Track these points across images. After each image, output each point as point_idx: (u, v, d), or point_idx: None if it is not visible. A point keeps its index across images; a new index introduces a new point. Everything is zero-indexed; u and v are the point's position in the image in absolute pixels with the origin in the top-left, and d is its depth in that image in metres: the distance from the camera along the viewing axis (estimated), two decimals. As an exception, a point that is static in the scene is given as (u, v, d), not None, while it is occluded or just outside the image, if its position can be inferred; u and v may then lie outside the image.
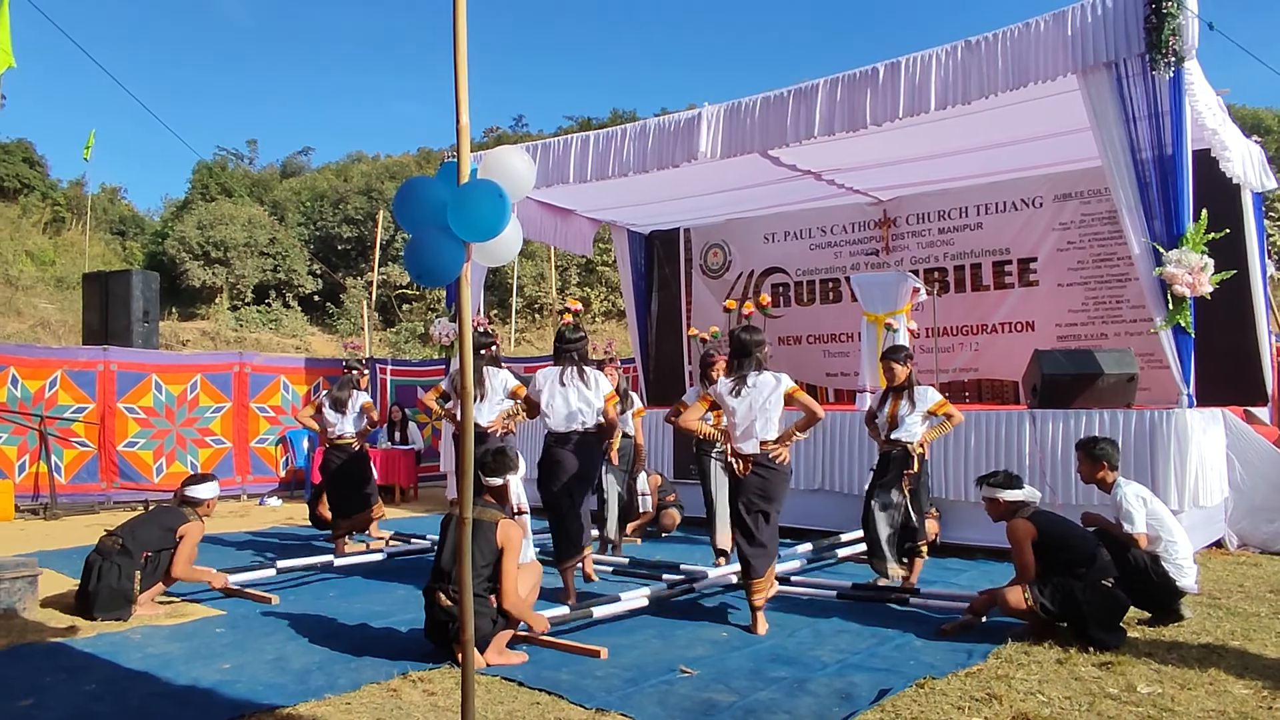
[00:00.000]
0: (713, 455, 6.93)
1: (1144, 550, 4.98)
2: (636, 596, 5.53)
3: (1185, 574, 5.03)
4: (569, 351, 6.00)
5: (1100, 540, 4.99)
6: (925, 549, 6.05)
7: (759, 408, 5.04)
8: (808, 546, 7.09)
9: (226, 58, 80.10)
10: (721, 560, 6.71)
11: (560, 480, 5.90)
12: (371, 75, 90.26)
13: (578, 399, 5.89)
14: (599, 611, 5.23)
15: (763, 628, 5.04)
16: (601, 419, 5.97)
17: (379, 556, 7.28)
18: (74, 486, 10.68)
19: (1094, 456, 5.25)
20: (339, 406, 7.63)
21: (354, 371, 7.81)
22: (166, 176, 73.48)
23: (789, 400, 5.07)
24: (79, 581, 5.59)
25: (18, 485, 10.21)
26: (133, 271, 12.73)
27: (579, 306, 7.68)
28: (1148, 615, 5.09)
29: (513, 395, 6.65)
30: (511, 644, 4.63)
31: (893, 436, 6.02)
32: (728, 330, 11.23)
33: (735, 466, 5.13)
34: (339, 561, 7.01)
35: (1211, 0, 6.94)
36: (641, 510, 8.43)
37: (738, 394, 5.10)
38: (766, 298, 11.33)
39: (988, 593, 4.98)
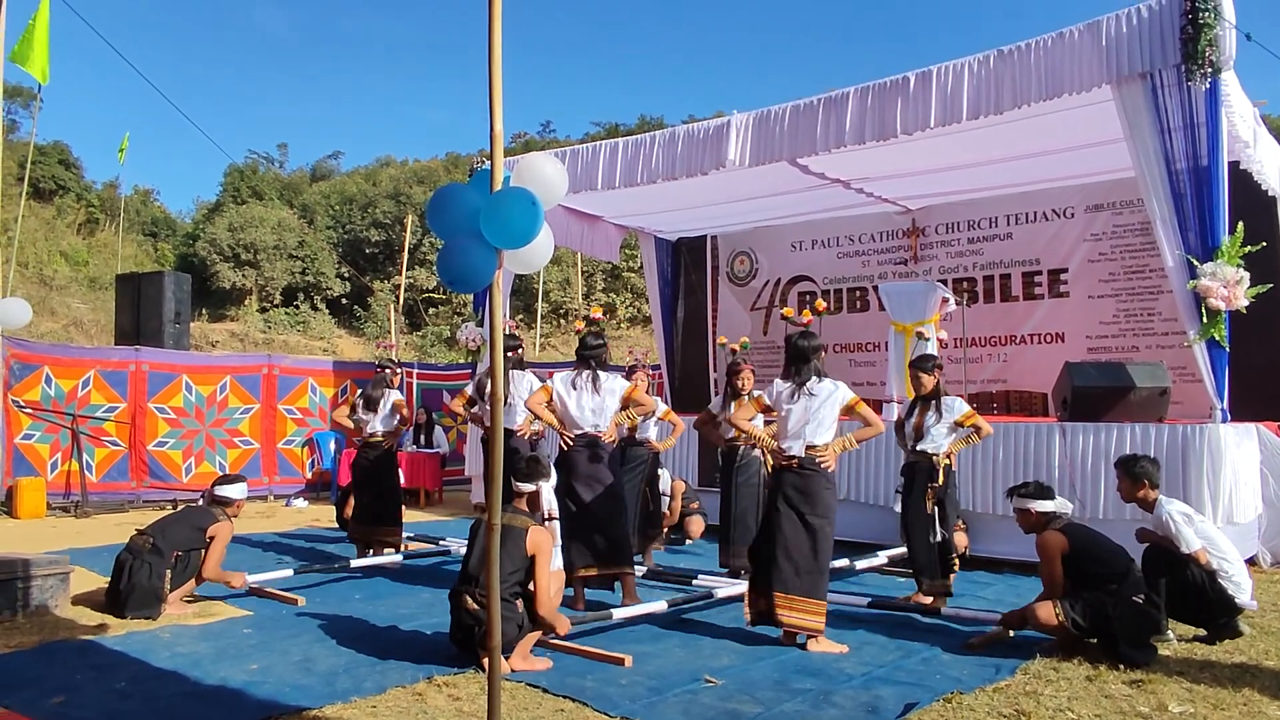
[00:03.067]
0: (737, 467, 6.92)
1: (1202, 567, 4.92)
2: (656, 604, 5.52)
3: (1242, 590, 4.97)
4: (587, 358, 6.04)
5: (1157, 557, 4.94)
6: (958, 564, 6.00)
7: (814, 412, 5.04)
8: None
9: (258, 63, 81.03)
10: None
11: (579, 484, 5.92)
12: (400, 80, 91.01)
13: (590, 403, 5.92)
14: (618, 614, 5.28)
15: (815, 645, 4.90)
16: (609, 425, 5.99)
17: (396, 558, 7.30)
18: (105, 485, 10.81)
19: (1134, 475, 5.18)
20: (371, 405, 7.65)
21: (387, 370, 7.83)
22: (198, 179, 74.37)
23: (848, 412, 5.06)
24: (109, 579, 5.65)
25: (50, 483, 10.34)
26: (165, 273, 12.89)
27: (600, 315, 7.64)
28: (1202, 632, 5.03)
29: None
30: (535, 650, 4.64)
31: (918, 448, 5.96)
32: (756, 338, 11.23)
33: (775, 463, 5.12)
34: (355, 562, 7.04)
35: (1249, 9, 6.86)
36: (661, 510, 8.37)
37: (795, 398, 5.10)
38: (823, 303, 11.23)
39: (1017, 611, 4.92)
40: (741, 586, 6.01)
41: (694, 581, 6.42)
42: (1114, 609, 4.54)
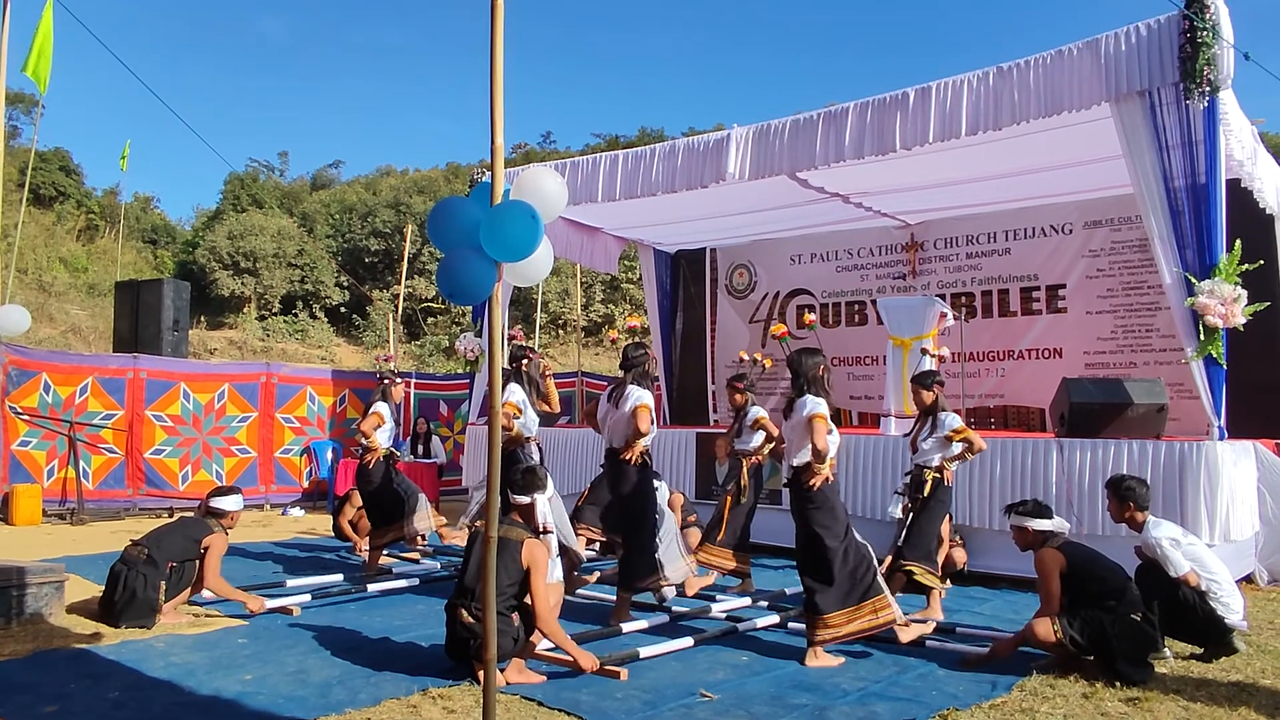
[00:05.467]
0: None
1: (1192, 588, 4.93)
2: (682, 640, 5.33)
3: (1232, 611, 4.97)
4: (628, 369, 5.97)
5: (1150, 576, 4.94)
6: (934, 580, 5.93)
7: (791, 429, 5.07)
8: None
9: (260, 71, 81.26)
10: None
11: (610, 501, 5.92)
12: (402, 90, 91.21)
13: (612, 418, 5.89)
14: (645, 652, 4.96)
15: (812, 660, 4.88)
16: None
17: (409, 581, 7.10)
18: (101, 492, 10.78)
19: (1122, 497, 5.18)
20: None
21: (386, 382, 7.84)
22: (199, 187, 74.76)
23: (807, 426, 4.96)
24: (104, 588, 5.63)
25: (46, 490, 10.32)
26: (164, 281, 12.89)
27: (636, 324, 7.66)
28: (1199, 650, 5.03)
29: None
30: (530, 663, 4.63)
31: (914, 461, 6.04)
32: (753, 352, 11.25)
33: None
34: (373, 587, 6.82)
35: (1247, 27, 6.92)
36: None
37: (787, 417, 5.14)
38: (811, 317, 11.20)
39: (1015, 635, 4.90)
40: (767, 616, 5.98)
41: (715, 608, 6.19)
42: (1112, 627, 4.54)
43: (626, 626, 5.51)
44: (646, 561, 5.86)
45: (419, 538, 7.94)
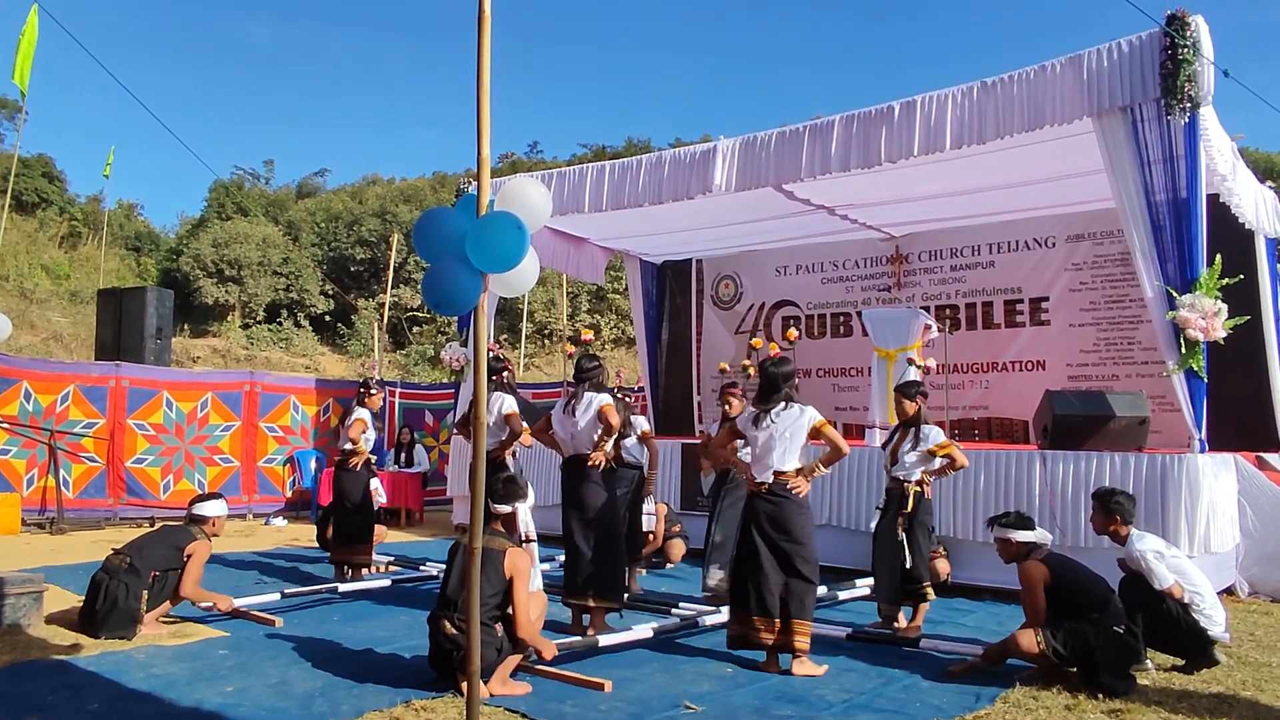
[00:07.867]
0: (725, 489, 6.90)
1: (1176, 600, 4.95)
2: (641, 629, 5.49)
3: (1215, 623, 5.00)
4: (581, 380, 6.01)
5: (1134, 589, 4.97)
6: (930, 591, 5.96)
7: (779, 437, 5.03)
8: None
9: (247, 79, 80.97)
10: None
11: (567, 509, 5.92)
12: (389, 99, 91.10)
13: (571, 426, 5.91)
14: (604, 640, 5.22)
15: (796, 668, 4.89)
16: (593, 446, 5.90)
17: (385, 583, 7.18)
18: (81, 501, 10.69)
19: (1109, 510, 5.21)
20: (342, 421, 7.69)
21: (361, 390, 7.86)
22: (183, 194, 74.34)
23: (815, 434, 5.06)
24: (84, 598, 5.58)
25: (25, 499, 10.23)
26: (148, 289, 12.82)
27: (590, 336, 7.70)
28: (1181, 662, 5.05)
29: (505, 420, 6.66)
30: (514, 674, 4.61)
31: (893, 473, 6.02)
32: (739, 363, 11.27)
33: (749, 490, 5.10)
34: (343, 587, 6.96)
35: (1227, 44, 7.00)
36: (647, 530, 8.30)
37: (759, 424, 5.09)
38: (794, 333, 11.20)
39: (999, 644, 4.92)
40: (721, 614, 6.02)
41: (673, 610, 6.31)
42: (1095, 638, 4.55)
43: (604, 639, 5.46)
44: (619, 575, 5.90)
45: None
